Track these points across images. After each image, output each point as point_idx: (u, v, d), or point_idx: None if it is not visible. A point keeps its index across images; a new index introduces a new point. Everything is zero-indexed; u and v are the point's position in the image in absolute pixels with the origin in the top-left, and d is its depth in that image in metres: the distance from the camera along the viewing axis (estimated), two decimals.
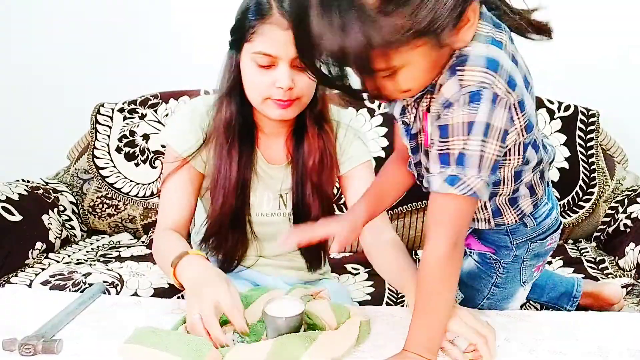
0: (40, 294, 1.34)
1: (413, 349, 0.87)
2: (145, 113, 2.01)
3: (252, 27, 1.07)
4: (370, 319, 1.01)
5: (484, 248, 1.13)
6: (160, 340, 0.87)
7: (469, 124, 0.79)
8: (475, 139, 0.80)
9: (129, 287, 1.54)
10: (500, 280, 1.15)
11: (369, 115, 1.95)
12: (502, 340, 0.98)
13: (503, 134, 0.82)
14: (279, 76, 1.07)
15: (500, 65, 0.80)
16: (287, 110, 1.11)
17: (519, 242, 1.09)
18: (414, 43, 0.75)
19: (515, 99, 0.83)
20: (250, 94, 1.13)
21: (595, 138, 1.96)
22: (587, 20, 2.06)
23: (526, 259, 1.13)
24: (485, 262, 1.15)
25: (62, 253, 1.81)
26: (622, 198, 1.89)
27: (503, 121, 0.81)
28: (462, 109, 0.79)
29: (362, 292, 1.59)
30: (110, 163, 2.00)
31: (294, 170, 1.22)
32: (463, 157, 0.80)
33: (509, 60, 0.83)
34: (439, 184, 0.83)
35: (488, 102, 0.79)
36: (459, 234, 0.86)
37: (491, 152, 0.81)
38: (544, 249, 1.12)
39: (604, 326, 1.03)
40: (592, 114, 1.97)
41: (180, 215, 1.17)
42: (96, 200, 1.99)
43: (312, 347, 0.88)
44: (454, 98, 0.80)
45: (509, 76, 0.81)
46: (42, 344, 0.90)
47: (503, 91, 0.80)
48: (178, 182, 1.17)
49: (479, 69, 0.79)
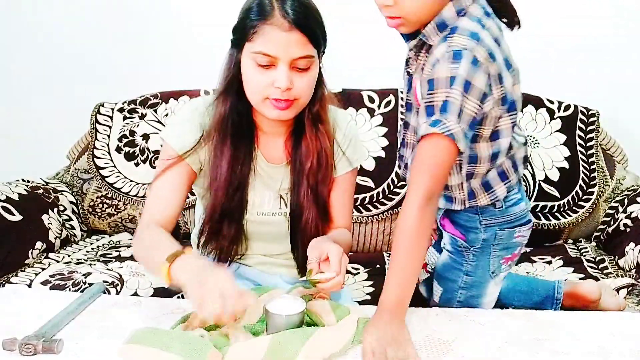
0: (40, 293, 1.34)
1: (387, 305, 0.97)
2: (145, 113, 2.01)
3: (254, 27, 1.08)
4: (369, 317, 1.01)
5: (456, 232, 1.21)
6: (160, 340, 0.87)
7: (451, 77, 0.94)
8: (456, 90, 0.93)
9: (129, 287, 1.54)
10: (470, 269, 1.21)
11: (369, 115, 1.95)
12: (503, 341, 0.98)
13: (481, 95, 0.95)
14: (277, 76, 1.08)
15: (481, 38, 0.96)
16: (285, 111, 1.12)
17: (487, 224, 1.17)
18: None
19: (495, 71, 0.96)
20: (250, 93, 1.13)
21: (595, 138, 1.96)
22: (588, 20, 2.06)
23: (495, 249, 1.18)
24: (456, 251, 1.22)
25: (62, 253, 1.81)
26: (622, 198, 1.89)
27: (482, 83, 0.95)
28: (445, 64, 0.94)
29: (362, 292, 1.59)
30: (110, 163, 2.00)
31: (292, 170, 1.22)
32: (446, 105, 0.94)
33: (490, 39, 0.98)
34: (424, 128, 0.96)
35: (468, 62, 0.93)
36: (433, 190, 0.97)
37: (469, 108, 0.94)
38: (512, 241, 1.19)
39: (605, 326, 1.03)
40: (592, 114, 1.97)
41: (169, 211, 1.18)
42: (96, 200, 1.99)
43: (309, 343, 0.88)
44: (441, 56, 0.96)
45: (489, 49, 0.96)
46: (42, 344, 0.90)
47: (483, 57, 0.95)
48: (171, 179, 1.18)
49: (464, 37, 0.96)
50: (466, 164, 1.08)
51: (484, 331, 1.02)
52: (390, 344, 0.93)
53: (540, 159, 1.91)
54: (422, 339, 0.98)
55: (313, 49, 1.09)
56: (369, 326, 0.97)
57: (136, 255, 1.20)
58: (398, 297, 0.98)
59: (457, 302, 1.23)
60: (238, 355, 0.87)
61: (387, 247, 1.94)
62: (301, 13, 1.07)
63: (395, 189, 1.91)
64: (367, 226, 1.92)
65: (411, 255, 0.98)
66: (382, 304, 0.98)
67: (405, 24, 1.02)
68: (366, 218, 1.91)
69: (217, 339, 0.92)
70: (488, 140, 1.05)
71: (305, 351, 0.87)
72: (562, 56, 2.10)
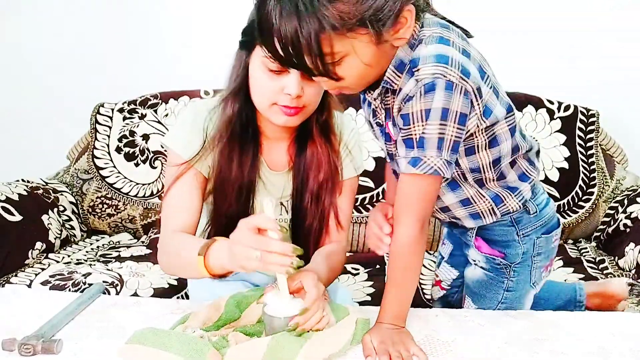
0: (40, 294, 1.34)
1: (387, 320, 0.98)
2: (145, 113, 2.01)
3: (270, 32, 1.03)
4: (369, 318, 1.01)
5: (494, 252, 1.16)
6: (160, 340, 0.87)
7: (426, 111, 0.89)
8: (432, 124, 0.90)
9: (128, 287, 1.54)
10: (512, 284, 1.17)
11: None
12: (503, 341, 0.98)
13: (460, 117, 0.91)
14: (288, 83, 1.05)
15: (449, 57, 0.89)
16: (292, 117, 1.09)
17: (525, 232, 1.13)
18: (358, 31, 0.86)
19: (472, 86, 0.91)
20: (257, 98, 1.11)
21: (595, 138, 1.96)
22: (587, 20, 2.06)
23: (535, 260, 1.16)
24: (495, 269, 1.18)
25: (62, 253, 1.81)
26: (622, 198, 1.89)
27: (460, 105, 0.90)
28: (419, 100, 0.90)
29: (362, 292, 1.59)
30: (110, 163, 2.00)
31: (295, 177, 1.20)
32: (423, 140, 0.91)
33: (458, 53, 0.91)
34: (404, 166, 0.95)
35: (442, 90, 0.88)
36: (425, 216, 0.98)
37: (450, 134, 0.91)
38: (550, 247, 1.16)
39: (605, 326, 1.03)
40: (592, 114, 1.97)
41: (189, 219, 1.14)
42: (96, 200, 1.99)
43: (308, 344, 0.88)
44: (412, 92, 0.91)
45: (461, 65, 0.90)
46: (41, 344, 0.90)
47: (457, 78, 0.89)
48: (184, 186, 1.14)
49: (430, 65, 0.89)
50: (470, 173, 1.06)
51: (484, 331, 1.02)
52: (393, 344, 0.94)
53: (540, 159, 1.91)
54: (422, 339, 0.98)
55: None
56: (369, 332, 0.97)
57: (165, 268, 1.17)
58: (397, 312, 1.00)
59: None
60: (237, 356, 0.87)
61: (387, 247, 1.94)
62: None
63: None
64: None
65: (408, 274, 1.00)
66: (381, 318, 0.99)
67: (350, 90, 0.97)
68: (366, 218, 1.91)
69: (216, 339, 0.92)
70: (487, 149, 1.02)
71: (305, 352, 0.87)
72: (561, 56, 2.10)
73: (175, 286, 1.56)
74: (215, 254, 0.99)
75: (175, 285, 1.57)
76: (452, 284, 1.35)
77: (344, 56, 0.88)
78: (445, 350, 0.95)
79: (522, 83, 1.97)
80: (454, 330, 1.02)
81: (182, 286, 1.55)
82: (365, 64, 0.90)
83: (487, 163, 1.04)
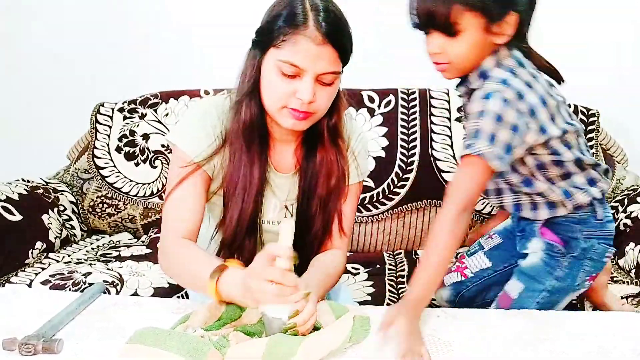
0: (40, 293, 1.34)
1: (412, 300, 1.02)
2: (145, 113, 2.01)
3: (284, 35, 1.03)
4: (369, 316, 1.01)
5: (556, 239, 1.25)
6: (161, 339, 0.87)
7: (480, 112, 1.08)
8: (487, 122, 1.06)
9: (129, 287, 1.55)
10: (562, 274, 1.24)
11: (369, 115, 1.95)
12: (504, 341, 0.98)
13: (513, 127, 1.07)
14: (302, 88, 1.04)
15: (509, 83, 1.10)
16: (301, 121, 1.08)
17: (587, 234, 1.23)
18: (476, 12, 1.07)
19: (526, 107, 1.09)
20: (268, 100, 1.09)
21: (595, 138, 1.96)
22: (587, 21, 2.06)
23: (588, 263, 1.24)
24: (551, 256, 1.25)
25: (62, 253, 1.82)
26: (622, 198, 1.88)
27: (512, 117, 1.07)
28: (478, 102, 1.09)
29: (362, 292, 1.59)
30: (110, 163, 2.00)
31: (301, 180, 1.19)
32: (477, 132, 1.07)
33: (521, 82, 1.11)
34: (461, 151, 1.10)
35: (497, 101, 1.07)
36: (468, 200, 1.08)
37: (502, 135, 1.06)
38: (602, 259, 1.25)
39: (606, 326, 1.03)
40: (592, 114, 1.97)
41: (194, 221, 1.13)
42: (96, 200, 2.00)
43: (306, 342, 0.88)
44: (476, 98, 1.11)
45: (518, 90, 1.09)
46: (42, 344, 0.90)
47: (511, 97, 1.08)
48: (190, 187, 1.12)
49: (494, 83, 1.11)
50: (537, 171, 1.20)
51: (484, 331, 1.02)
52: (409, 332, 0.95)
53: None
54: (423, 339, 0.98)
55: (340, 64, 1.07)
56: (395, 305, 1.02)
57: (165, 269, 1.15)
58: (420, 295, 1.04)
59: (535, 303, 1.24)
60: (238, 356, 0.87)
61: (387, 247, 1.94)
62: (335, 26, 1.04)
63: (395, 189, 1.91)
64: (367, 226, 1.92)
65: (442, 259, 1.06)
66: (407, 297, 1.04)
67: (449, 69, 1.15)
68: (366, 218, 1.91)
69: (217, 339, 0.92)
70: (547, 154, 1.17)
71: (303, 350, 0.87)
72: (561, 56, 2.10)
73: (175, 286, 1.56)
74: (227, 284, 0.98)
75: (175, 285, 1.57)
76: (477, 274, 1.41)
77: (460, 31, 1.08)
78: (446, 350, 0.95)
79: None
80: (455, 330, 1.02)
81: (182, 286, 1.55)
82: (471, 46, 1.10)
83: (549, 161, 1.18)
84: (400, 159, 1.92)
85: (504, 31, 1.11)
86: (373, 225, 1.92)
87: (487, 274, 1.40)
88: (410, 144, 1.93)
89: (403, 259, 1.84)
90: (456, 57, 1.12)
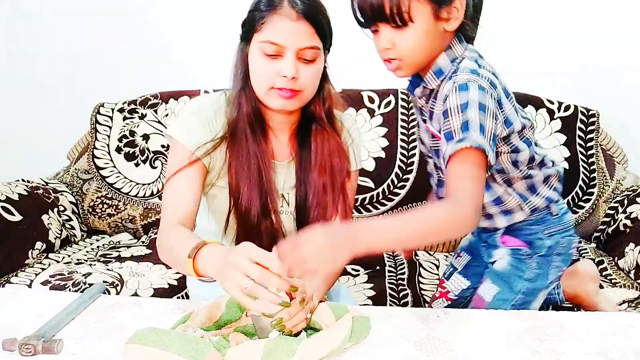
0: (40, 294, 1.34)
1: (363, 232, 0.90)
2: (145, 113, 2.01)
3: (262, 18, 1.10)
4: (369, 316, 1.01)
5: (520, 243, 1.25)
6: (161, 340, 0.87)
7: (462, 104, 1.02)
8: (471, 111, 1.00)
9: (129, 287, 1.54)
10: (532, 275, 1.24)
11: (369, 116, 1.95)
12: (504, 341, 0.98)
13: (494, 114, 1.02)
14: (284, 65, 1.09)
15: (480, 73, 1.06)
16: (289, 101, 1.12)
17: (549, 232, 1.23)
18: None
19: (496, 96, 1.06)
20: (256, 83, 1.14)
21: (595, 138, 1.96)
22: (587, 21, 2.06)
23: (556, 259, 1.24)
24: (519, 259, 1.25)
25: (62, 253, 1.81)
26: (622, 198, 1.89)
27: (492, 105, 1.03)
28: (454, 96, 1.03)
29: (362, 294, 1.59)
30: (110, 163, 2.01)
31: (298, 167, 1.22)
32: (467, 124, 1.00)
33: (488, 72, 1.08)
34: (450, 148, 1.00)
35: (476, 89, 1.02)
36: (479, 196, 0.97)
37: (489, 125, 1.00)
38: (569, 252, 1.26)
39: (606, 326, 1.03)
40: (592, 114, 1.97)
41: (189, 209, 1.16)
42: (96, 200, 1.99)
43: (305, 342, 0.88)
44: (447, 91, 1.05)
45: (489, 79, 1.06)
46: (42, 344, 0.90)
47: (487, 85, 1.04)
48: (187, 176, 1.15)
49: (466, 74, 1.06)
50: (497, 174, 1.18)
51: (484, 331, 1.02)
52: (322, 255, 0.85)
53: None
54: (422, 339, 0.98)
55: (319, 40, 1.12)
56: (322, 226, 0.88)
57: (162, 257, 1.16)
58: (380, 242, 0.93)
59: (511, 306, 1.25)
60: (237, 356, 0.87)
61: None
62: (309, 4, 1.10)
63: (395, 190, 1.91)
64: None
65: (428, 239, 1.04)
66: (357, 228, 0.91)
67: (402, 67, 1.10)
68: (366, 218, 1.91)
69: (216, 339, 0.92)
70: (508, 153, 1.14)
71: (302, 350, 0.87)
72: (562, 56, 2.10)
73: (176, 286, 1.56)
74: (203, 260, 0.98)
75: (175, 285, 1.57)
76: (460, 294, 1.40)
77: (410, 20, 1.04)
78: (445, 350, 0.95)
79: (522, 83, 1.97)
80: (454, 331, 1.01)
81: (182, 286, 1.55)
82: (422, 35, 1.06)
83: (509, 164, 1.16)
84: (400, 159, 1.92)
85: (453, 15, 1.07)
86: None
87: (470, 292, 1.38)
88: (410, 144, 1.93)
89: (403, 260, 1.84)
90: (408, 50, 1.07)
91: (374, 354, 0.93)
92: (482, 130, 0.99)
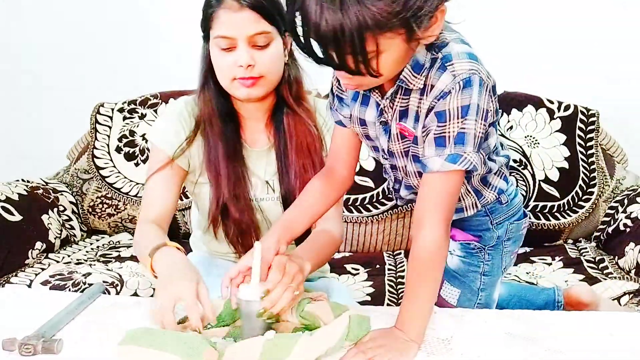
0: (40, 294, 1.34)
1: (398, 325, 0.95)
2: (145, 113, 2.02)
3: (212, 15, 1.16)
4: (369, 316, 1.01)
5: (468, 237, 1.21)
6: (156, 339, 0.87)
7: (463, 107, 0.90)
8: (470, 119, 0.90)
9: (129, 287, 1.55)
10: (488, 269, 1.22)
11: None
12: (502, 340, 0.98)
13: (486, 114, 0.93)
14: (238, 55, 1.14)
15: (477, 57, 0.93)
16: (253, 88, 1.16)
17: (498, 221, 1.18)
18: (397, 30, 0.83)
19: (492, 83, 0.94)
20: (219, 78, 1.19)
21: (595, 138, 1.96)
22: (587, 21, 2.06)
23: (507, 244, 1.21)
24: (470, 254, 1.22)
25: (62, 253, 1.82)
26: (622, 198, 1.89)
27: (486, 102, 0.92)
28: (457, 95, 0.90)
29: (362, 292, 1.59)
30: (110, 163, 2.01)
31: (277, 154, 1.25)
32: (463, 136, 0.91)
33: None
34: (439, 164, 0.92)
35: (477, 86, 0.90)
36: (450, 215, 0.96)
37: (479, 130, 0.92)
38: (519, 233, 1.22)
39: (605, 326, 1.03)
40: (592, 114, 1.96)
41: (163, 209, 1.21)
42: (96, 200, 2.00)
43: (302, 340, 0.88)
44: (449, 87, 0.90)
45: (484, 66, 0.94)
46: (42, 344, 0.90)
47: (485, 76, 0.92)
48: (162, 178, 1.21)
49: (465, 61, 0.91)
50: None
51: (483, 330, 1.02)
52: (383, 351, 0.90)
53: (540, 159, 1.91)
54: None
55: (268, 25, 1.14)
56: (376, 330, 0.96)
57: (134, 253, 1.24)
58: (420, 327, 0.96)
59: (477, 305, 1.23)
60: (235, 354, 0.87)
61: (387, 247, 1.94)
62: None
63: None
64: (367, 226, 1.92)
65: (428, 283, 0.96)
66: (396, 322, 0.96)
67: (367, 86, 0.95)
68: (366, 218, 1.91)
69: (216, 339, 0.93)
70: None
71: (299, 348, 0.87)
72: (562, 56, 2.10)
73: None
74: (157, 260, 1.04)
75: None
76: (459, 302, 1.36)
77: (379, 54, 0.84)
78: (443, 348, 0.95)
79: (522, 82, 1.97)
80: (453, 329, 1.02)
81: None
82: (395, 61, 0.88)
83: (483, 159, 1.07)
84: None
85: (433, 32, 0.88)
86: (373, 225, 1.92)
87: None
88: None
89: (403, 259, 1.84)
90: (378, 81, 0.90)
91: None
92: (474, 140, 0.92)
